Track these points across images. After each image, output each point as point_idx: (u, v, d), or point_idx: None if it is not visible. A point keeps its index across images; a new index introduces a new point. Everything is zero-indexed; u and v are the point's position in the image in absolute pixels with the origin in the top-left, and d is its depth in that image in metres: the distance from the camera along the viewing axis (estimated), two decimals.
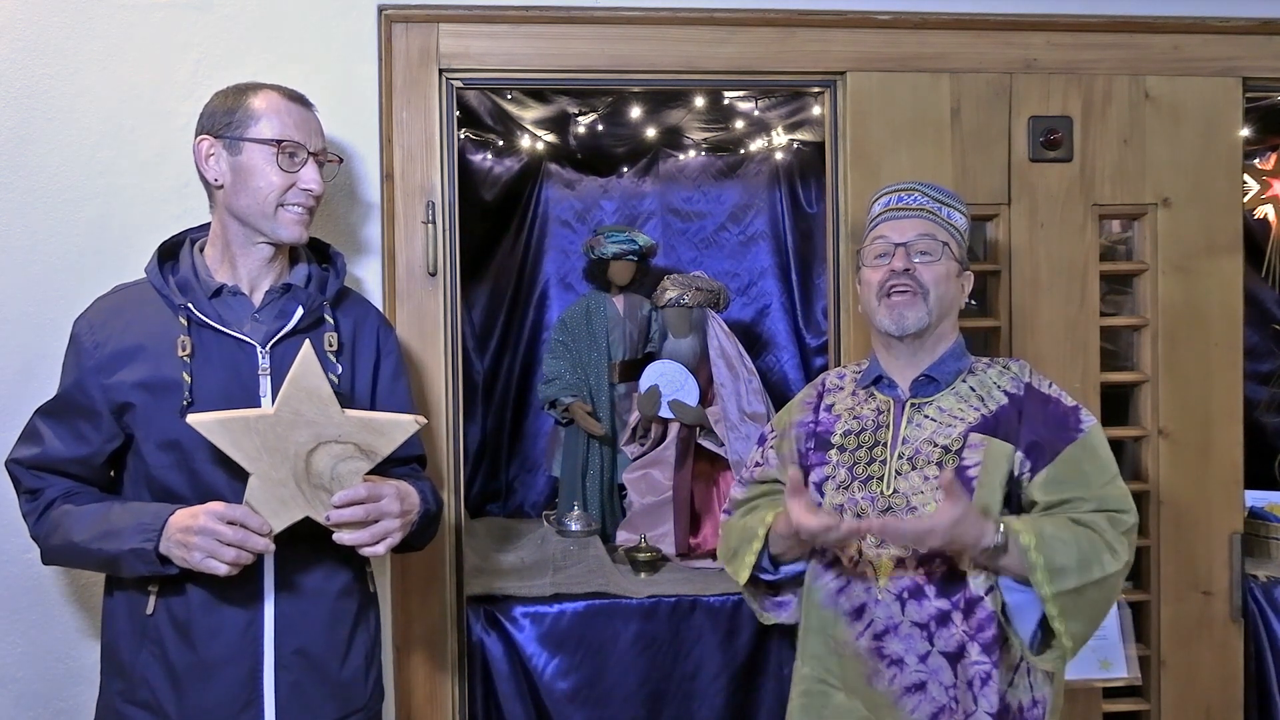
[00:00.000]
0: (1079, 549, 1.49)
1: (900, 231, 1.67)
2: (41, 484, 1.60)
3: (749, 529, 1.70)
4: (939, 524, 1.43)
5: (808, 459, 1.72)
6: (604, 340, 3.25)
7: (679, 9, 2.11)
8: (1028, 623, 1.56)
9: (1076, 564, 1.48)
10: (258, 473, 1.46)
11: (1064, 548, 1.48)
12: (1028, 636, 1.56)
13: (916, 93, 2.19)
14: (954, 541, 1.46)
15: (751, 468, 1.84)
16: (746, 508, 1.80)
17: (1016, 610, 1.55)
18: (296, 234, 1.63)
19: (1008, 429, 1.60)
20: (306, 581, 1.59)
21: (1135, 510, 1.58)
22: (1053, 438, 1.59)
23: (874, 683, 1.60)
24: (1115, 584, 1.53)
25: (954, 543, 1.47)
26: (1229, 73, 2.24)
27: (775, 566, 1.71)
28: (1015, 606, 1.55)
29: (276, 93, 1.62)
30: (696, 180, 3.79)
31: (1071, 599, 1.48)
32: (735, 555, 1.72)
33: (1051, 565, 1.47)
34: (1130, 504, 1.58)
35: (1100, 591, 1.51)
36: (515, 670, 2.27)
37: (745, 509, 1.80)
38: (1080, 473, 1.57)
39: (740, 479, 1.86)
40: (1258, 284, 3.41)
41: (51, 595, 1.96)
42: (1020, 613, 1.55)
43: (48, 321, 1.93)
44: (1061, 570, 1.47)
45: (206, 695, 1.53)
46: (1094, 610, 1.53)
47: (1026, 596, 1.52)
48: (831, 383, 1.81)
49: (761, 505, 1.77)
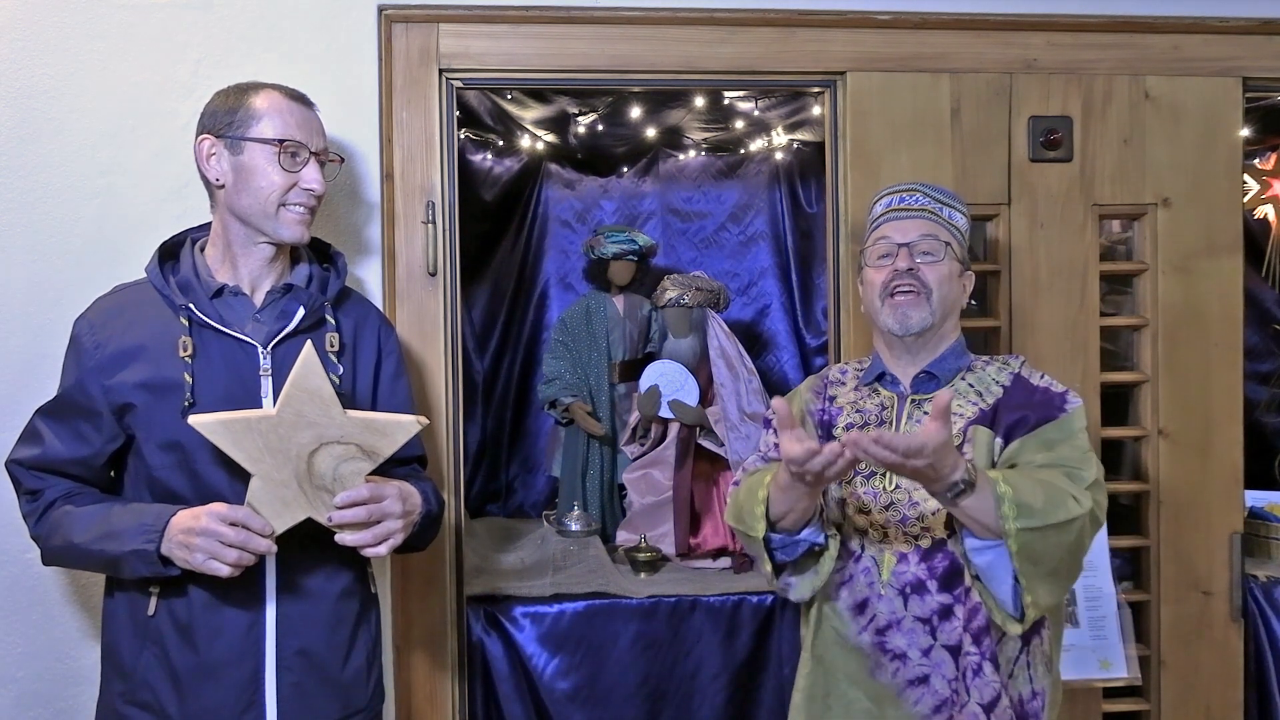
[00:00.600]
0: (1045, 492, 1.46)
1: (903, 232, 1.68)
2: (42, 484, 1.60)
3: (752, 488, 1.64)
4: (929, 442, 1.38)
5: None
6: (604, 340, 3.25)
7: (679, 9, 2.11)
8: (1003, 583, 1.51)
9: (1042, 504, 1.44)
10: (260, 474, 1.46)
11: (1031, 488, 1.46)
12: (1009, 600, 1.51)
13: (916, 93, 2.19)
14: (935, 466, 1.41)
15: (771, 448, 1.77)
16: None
17: (988, 572, 1.51)
18: (298, 234, 1.63)
19: (996, 417, 1.62)
20: (308, 582, 1.59)
21: (1098, 473, 1.55)
22: (1035, 416, 1.59)
23: (877, 675, 1.62)
24: (1080, 532, 1.48)
25: (934, 468, 1.41)
26: (1229, 73, 2.24)
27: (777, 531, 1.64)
28: (986, 568, 1.51)
29: (278, 92, 1.62)
30: (696, 180, 3.79)
31: (1036, 538, 1.44)
32: (742, 514, 1.64)
33: (1019, 500, 1.43)
34: (1092, 468, 1.54)
35: (1064, 536, 1.46)
36: (515, 670, 2.27)
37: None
38: (1046, 440, 1.56)
39: (760, 454, 1.79)
40: (1258, 284, 3.42)
41: (51, 596, 1.96)
42: (992, 573, 1.51)
43: (48, 321, 1.93)
44: (1028, 508, 1.43)
45: (208, 696, 1.53)
46: (1058, 558, 1.48)
47: (993, 555, 1.49)
48: (834, 376, 1.82)
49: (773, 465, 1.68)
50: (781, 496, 1.57)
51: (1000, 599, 1.53)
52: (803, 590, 1.67)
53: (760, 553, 1.64)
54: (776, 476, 1.58)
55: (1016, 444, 1.58)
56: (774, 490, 1.58)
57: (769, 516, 1.59)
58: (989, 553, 1.50)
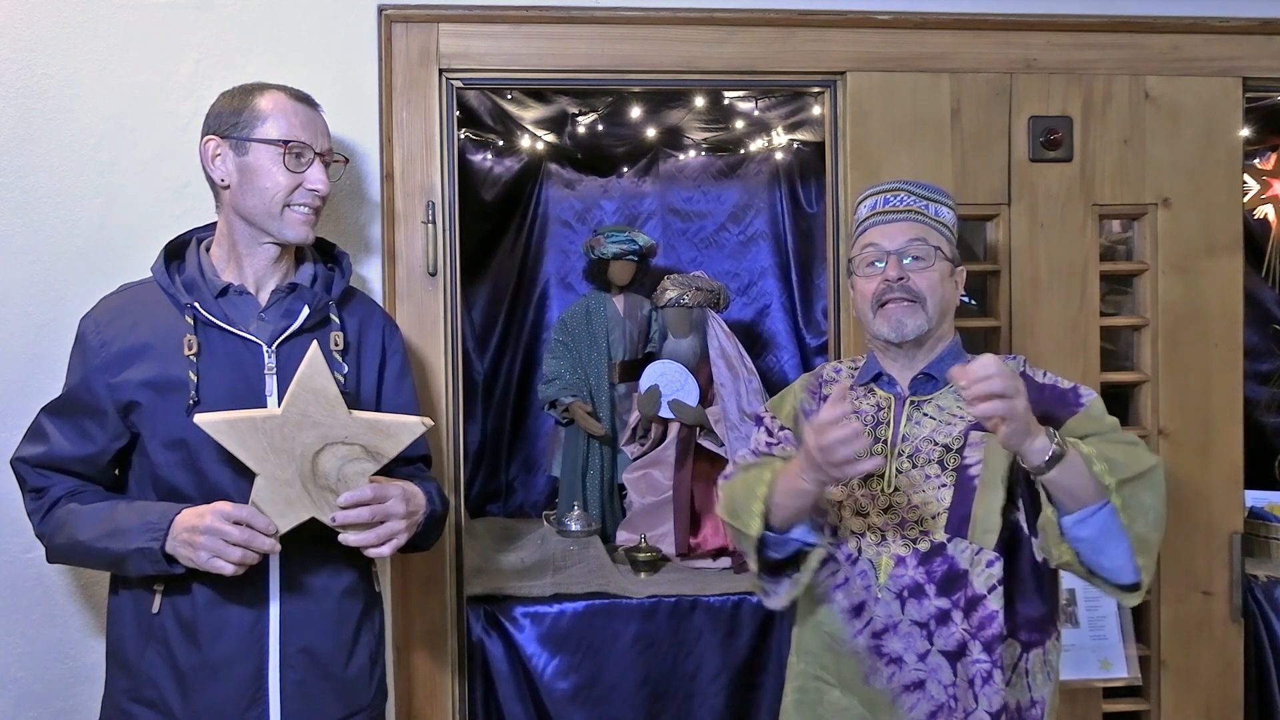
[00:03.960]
0: (1121, 448, 1.46)
1: (890, 237, 1.64)
2: (47, 482, 1.60)
3: (749, 484, 1.59)
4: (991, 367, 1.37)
5: None
6: (604, 340, 3.26)
7: (679, 9, 2.11)
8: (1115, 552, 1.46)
9: (1124, 457, 1.44)
10: (264, 473, 1.46)
11: (1108, 447, 1.45)
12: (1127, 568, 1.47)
13: (916, 93, 2.19)
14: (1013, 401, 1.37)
15: (761, 444, 1.75)
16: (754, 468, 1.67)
17: (1094, 544, 1.46)
18: (303, 234, 1.63)
19: None
20: (312, 581, 1.59)
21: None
22: (1053, 412, 1.56)
23: (871, 681, 1.59)
24: (1164, 479, 1.48)
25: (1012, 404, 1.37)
26: (1229, 73, 2.25)
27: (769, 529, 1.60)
28: (1092, 541, 1.46)
29: (283, 93, 1.63)
30: (696, 180, 3.79)
31: (1135, 489, 1.42)
32: (737, 509, 1.60)
33: (1107, 458, 1.42)
34: (1133, 435, 1.54)
35: (1153, 482, 1.45)
36: (515, 670, 2.27)
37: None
38: (1086, 431, 1.54)
39: (753, 450, 1.76)
40: (1258, 284, 3.42)
41: (53, 595, 1.96)
42: (1102, 545, 1.46)
43: (48, 321, 1.93)
44: (1118, 463, 1.42)
45: (212, 694, 1.53)
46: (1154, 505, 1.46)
47: (1098, 521, 1.44)
48: (829, 375, 1.79)
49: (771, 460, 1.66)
50: (779, 507, 1.54)
51: (1108, 571, 1.48)
52: (782, 597, 1.62)
53: (750, 549, 1.60)
54: (781, 477, 1.54)
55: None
56: (779, 493, 1.54)
57: (766, 515, 1.56)
58: (1092, 521, 1.45)
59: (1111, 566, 1.48)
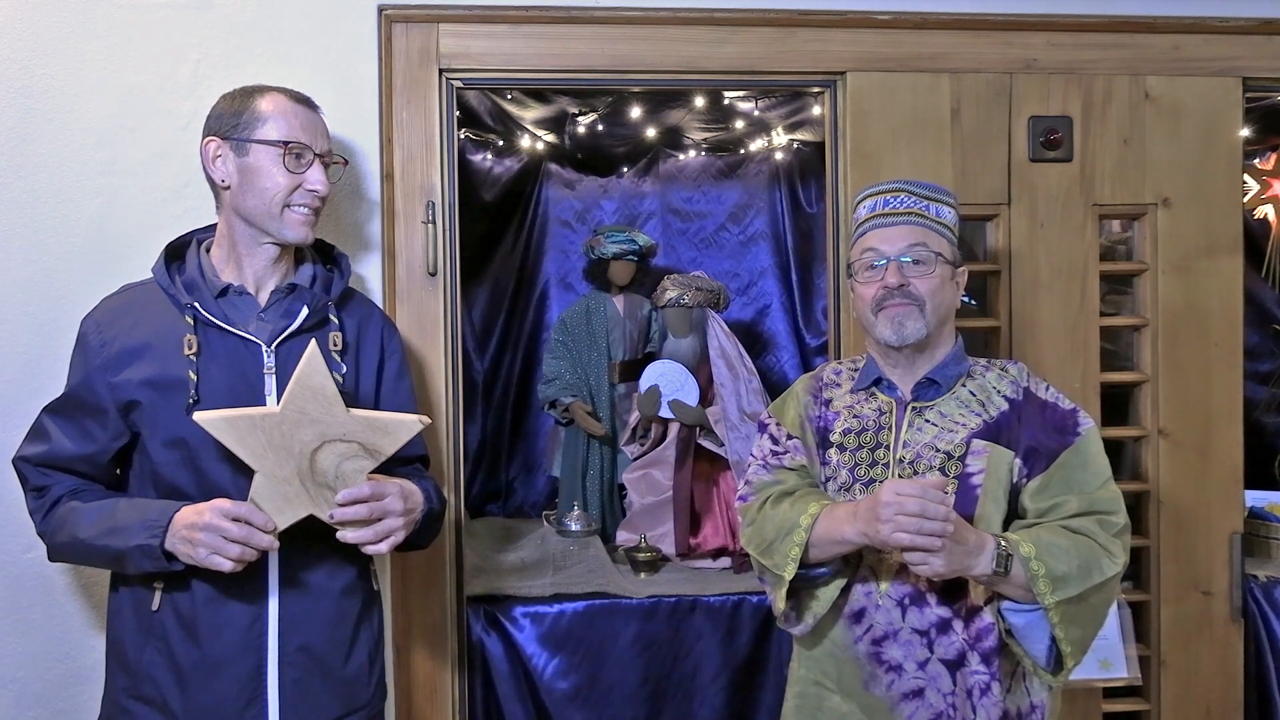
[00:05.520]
0: (1078, 555, 1.48)
1: (890, 242, 1.63)
2: (48, 481, 1.61)
3: (787, 520, 1.60)
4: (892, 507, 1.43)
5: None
6: (604, 340, 3.26)
7: (679, 9, 2.11)
8: (1039, 643, 1.53)
9: (1077, 570, 1.47)
10: (263, 470, 1.46)
11: (1063, 555, 1.47)
12: (1043, 657, 1.53)
13: (916, 93, 2.19)
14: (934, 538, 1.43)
15: (769, 454, 1.73)
16: (777, 492, 1.68)
17: (1024, 632, 1.53)
18: (303, 235, 1.64)
19: (1009, 435, 1.59)
20: (311, 579, 1.60)
21: (1125, 513, 1.57)
22: (1049, 443, 1.58)
23: (871, 687, 1.59)
24: (1114, 587, 1.53)
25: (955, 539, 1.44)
26: (1229, 73, 2.25)
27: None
28: (1022, 629, 1.53)
29: (283, 95, 1.63)
30: (696, 180, 3.80)
31: (1074, 606, 1.47)
32: (771, 548, 1.61)
33: (1053, 574, 1.46)
34: (1121, 507, 1.57)
35: (1100, 595, 1.50)
36: (515, 670, 2.27)
37: (775, 494, 1.68)
38: (1071, 479, 1.56)
39: (764, 463, 1.74)
40: (1258, 284, 3.42)
41: (52, 595, 1.96)
42: (1029, 634, 1.53)
43: (48, 321, 1.93)
44: (1063, 578, 1.46)
45: (211, 692, 1.54)
46: (1095, 614, 1.52)
47: (1031, 617, 1.51)
48: (829, 377, 1.78)
49: (805, 493, 1.66)
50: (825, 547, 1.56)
51: (1034, 655, 1.53)
52: (807, 622, 1.63)
53: (779, 589, 1.60)
54: (824, 521, 1.55)
55: (1039, 482, 1.57)
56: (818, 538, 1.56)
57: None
58: (1026, 615, 1.51)
59: (1036, 652, 1.54)
